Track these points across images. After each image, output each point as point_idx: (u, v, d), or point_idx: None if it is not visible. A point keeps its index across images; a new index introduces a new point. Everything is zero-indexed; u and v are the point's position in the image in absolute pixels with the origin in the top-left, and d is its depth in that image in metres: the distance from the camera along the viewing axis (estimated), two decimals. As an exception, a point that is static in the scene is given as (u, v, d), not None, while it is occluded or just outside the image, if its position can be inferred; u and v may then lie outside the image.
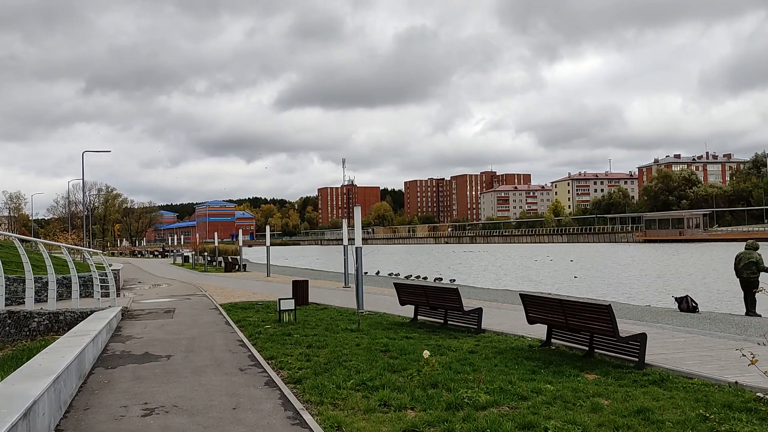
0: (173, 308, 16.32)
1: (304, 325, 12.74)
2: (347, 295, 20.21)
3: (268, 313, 15.01)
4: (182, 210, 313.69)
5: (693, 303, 15.06)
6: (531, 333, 11.25)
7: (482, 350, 9.77)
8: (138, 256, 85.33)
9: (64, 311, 12.20)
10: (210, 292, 21.83)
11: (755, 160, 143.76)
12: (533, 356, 9.14)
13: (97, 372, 8.24)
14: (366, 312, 14.97)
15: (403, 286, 13.38)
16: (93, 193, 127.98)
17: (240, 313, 15.16)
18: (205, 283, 27.35)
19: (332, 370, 8.17)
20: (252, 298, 19.46)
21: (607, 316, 8.33)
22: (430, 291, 12.45)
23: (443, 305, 12.16)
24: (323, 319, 13.86)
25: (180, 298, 19.65)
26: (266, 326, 12.58)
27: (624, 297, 24.24)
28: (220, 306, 16.86)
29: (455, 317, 12.13)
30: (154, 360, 9.03)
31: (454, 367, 8.36)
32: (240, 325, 12.90)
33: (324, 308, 16.21)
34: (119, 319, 13.54)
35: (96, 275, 14.39)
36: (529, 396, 6.86)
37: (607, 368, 8.26)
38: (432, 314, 12.78)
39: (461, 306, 11.66)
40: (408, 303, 13.27)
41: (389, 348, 9.94)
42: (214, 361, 8.91)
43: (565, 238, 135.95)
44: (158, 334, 11.69)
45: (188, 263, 51.06)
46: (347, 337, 11.20)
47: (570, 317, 9.04)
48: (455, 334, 11.54)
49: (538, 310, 9.78)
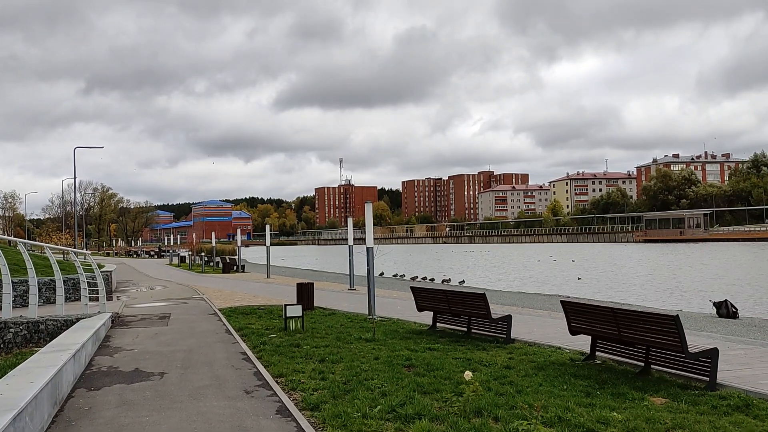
0: (168, 314, 15.11)
1: (313, 333, 11.54)
2: (354, 298, 19.03)
3: (272, 320, 13.81)
4: (179, 210, 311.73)
5: (733, 308, 13.92)
6: (568, 343, 10.10)
7: (518, 365, 8.61)
8: (134, 256, 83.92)
9: (45, 319, 10.96)
10: (208, 295, 20.61)
11: (755, 160, 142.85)
12: (580, 373, 7.97)
13: (78, 395, 7.04)
14: (378, 318, 13.80)
15: (421, 290, 12.19)
16: (89, 193, 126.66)
17: (241, 319, 13.95)
18: (203, 285, 26.11)
19: (353, 392, 6.99)
20: (253, 301, 18.26)
21: (672, 328, 7.17)
22: (453, 296, 11.26)
23: (467, 312, 10.98)
24: (333, 326, 12.67)
25: (176, 302, 18.42)
26: (271, 335, 11.38)
27: (640, 299, 23.13)
28: (220, 311, 15.66)
29: (481, 325, 10.95)
30: (145, 378, 7.82)
31: (493, 388, 7.19)
32: (242, 334, 11.69)
33: (332, 313, 15.02)
34: (108, 327, 12.33)
35: (83, 278, 13.16)
36: (595, 428, 5.69)
37: (673, 389, 7.10)
38: (453, 321, 11.61)
39: (489, 313, 10.48)
40: (426, 309, 12.08)
41: (413, 362, 8.77)
42: (214, 380, 7.71)
43: (565, 238, 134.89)
44: (151, 345, 10.47)
45: (185, 264, 49.75)
46: (363, 348, 10.02)
47: (624, 329, 7.87)
48: (482, 344, 10.38)
49: (583, 319, 8.61)
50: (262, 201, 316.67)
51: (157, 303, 18.09)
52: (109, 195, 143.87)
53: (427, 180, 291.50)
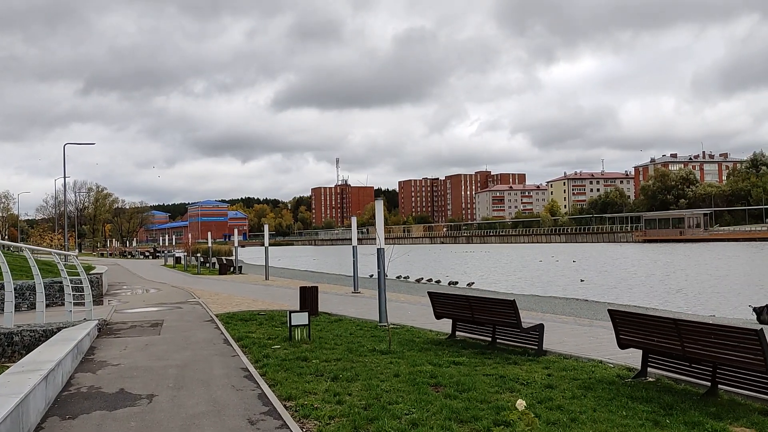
0: (161, 320, 13.95)
1: (321, 344, 10.41)
2: (360, 301, 17.90)
3: (275, 327, 12.68)
4: (175, 210, 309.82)
5: (775, 313, 12.86)
6: (609, 356, 9.01)
7: (560, 383, 7.50)
8: (128, 257, 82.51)
9: (21, 329, 9.77)
10: (204, 298, 19.45)
11: (754, 159, 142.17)
12: (637, 395, 6.87)
13: (49, 426, 5.89)
14: (391, 325, 12.68)
15: (440, 296, 11.08)
16: (83, 192, 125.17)
17: (240, 326, 12.81)
18: (198, 287, 24.93)
19: (378, 421, 5.87)
20: (252, 306, 17.11)
21: (755, 344, 6.08)
22: (477, 303, 10.14)
23: (493, 320, 9.88)
24: (341, 335, 11.55)
25: (170, 306, 17.26)
26: (275, 346, 10.24)
27: (658, 302, 22.09)
28: (217, 317, 14.51)
29: (509, 335, 9.86)
30: (130, 403, 6.68)
31: (542, 415, 6.09)
32: (242, 344, 10.55)
33: (338, 320, 13.90)
34: (94, 337, 11.17)
35: (67, 282, 11.99)
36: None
37: (755, 416, 6.01)
38: (476, 330, 10.51)
39: (519, 322, 9.37)
40: (445, 316, 10.96)
41: (439, 380, 7.65)
42: (212, 405, 6.58)
43: (563, 238, 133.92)
44: (140, 359, 9.32)
45: (180, 265, 48.50)
46: (379, 362, 8.91)
47: (690, 343, 6.77)
48: (511, 357, 9.28)
49: (636, 331, 7.51)
50: (258, 201, 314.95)
51: (150, 308, 16.94)
52: (104, 195, 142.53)
53: (424, 180, 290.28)
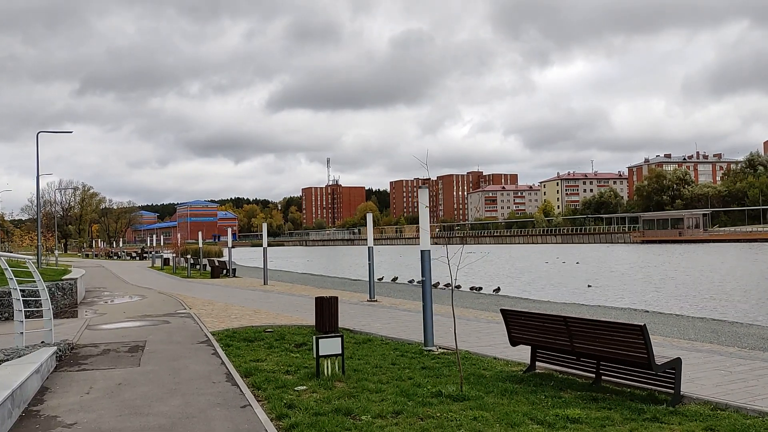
0: (143, 342, 11.05)
1: (361, 383, 7.57)
2: (382, 313, 15.07)
3: (289, 352, 9.84)
4: (164, 210, 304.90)
5: None
6: None
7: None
8: (114, 258, 79.03)
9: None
10: (196, 309, 16.53)
11: (750, 159, 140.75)
12: None
13: None
14: (438, 350, 9.89)
15: (518, 316, 8.26)
16: (69, 191, 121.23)
17: (245, 351, 9.95)
18: (189, 294, 21.95)
19: None
20: (255, 319, 14.25)
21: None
22: (578, 327, 7.31)
23: (603, 352, 7.10)
24: (380, 365, 8.71)
25: (155, 320, 14.32)
26: (299, 387, 7.38)
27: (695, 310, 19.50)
28: (213, 335, 11.64)
29: (623, 372, 7.10)
30: None
31: None
32: (253, 383, 7.66)
33: (367, 340, 11.06)
34: (50, 371, 8.28)
35: (18, 294, 9.08)
36: None
37: None
38: (567, 361, 7.74)
39: (650, 357, 6.60)
40: (525, 343, 8.16)
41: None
42: None
43: (559, 238, 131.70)
44: (107, 415, 6.41)
45: (168, 267, 45.36)
46: (455, 416, 6.12)
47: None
48: (638, 404, 6.52)
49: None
50: (248, 201, 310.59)
51: (130, 322, 14.01)
52: (90, 195, 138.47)
53: (416, 180, 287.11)
